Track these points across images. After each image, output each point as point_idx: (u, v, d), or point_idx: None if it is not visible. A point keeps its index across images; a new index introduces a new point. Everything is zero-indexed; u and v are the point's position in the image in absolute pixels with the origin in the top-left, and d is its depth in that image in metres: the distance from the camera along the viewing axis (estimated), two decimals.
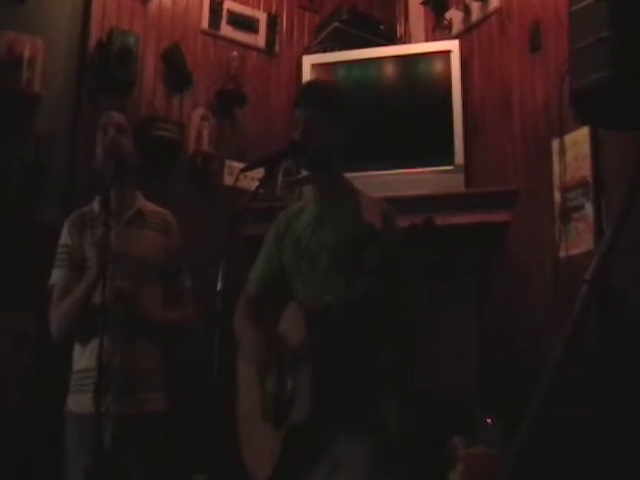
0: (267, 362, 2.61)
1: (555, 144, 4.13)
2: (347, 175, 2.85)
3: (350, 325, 2.49)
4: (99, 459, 2.75)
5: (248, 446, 2.71)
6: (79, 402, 2.98)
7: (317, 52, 5.37)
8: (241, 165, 3.04)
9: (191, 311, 3.27)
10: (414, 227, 2.39)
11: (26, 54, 4.24)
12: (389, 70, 5.16)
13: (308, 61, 5.24)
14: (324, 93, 2.84)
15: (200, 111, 5.00)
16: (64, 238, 3.18)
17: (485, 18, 4.96)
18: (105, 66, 4.61)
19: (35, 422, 3.83)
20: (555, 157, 4.15)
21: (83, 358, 3.04)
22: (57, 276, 3.14)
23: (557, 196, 4.14)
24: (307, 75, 5.17)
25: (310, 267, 2.70)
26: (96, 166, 3.20)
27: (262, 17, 5.43)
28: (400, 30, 5.63)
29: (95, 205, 3.24)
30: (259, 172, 2.68)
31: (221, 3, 5.21)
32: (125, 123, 3.26)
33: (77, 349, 3.10)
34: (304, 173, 2.79)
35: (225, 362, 2.47)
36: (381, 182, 4.65)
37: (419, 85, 5.06)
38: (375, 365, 2.61)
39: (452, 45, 4.99)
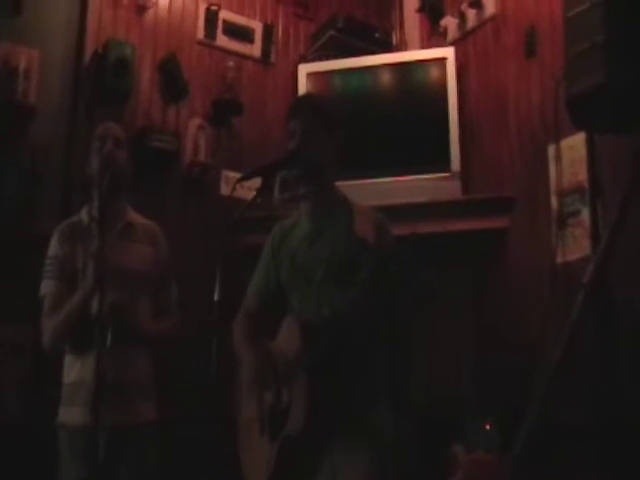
0: (265, 380, 2.62)
1: (551, 149, 4.13)
2: (344, 183, 2.86)
3: (342, 338, 2.51)
4: (95, 470, 2.75)
5: (246, 457, 2.73)
6: (70, 414, 2.99)
7: (313, 61, 5.38)
8: (238, 175, 3.05)
9: (178, 321, 3.28)
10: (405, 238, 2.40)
11: (22, 65, 4.26)
12: (385, 78, 5.16)
13: (304, 70, 5.25)
14: (319, 105, 2.87)
15: (196, 121, 5.00)
16: (54, 249, 3.16)
17: (480, 25, 4.96)
18: (101, 77, 4.60)
19: (32, 431, 3.82)
20: (551, 162, 4.14)
21: (74, 370, 3.04)
22: (48, 287, 3.12)
23: (554, 201, 4.13)
24: (303, 84, 5.18)
25: (306, 282, 2.71)
26: (89, 174, 3.19)
27: (258, 27, 5.43)
28: (396, 38, 5.64)
29: (84, 215, 3.23)
30: (256, 182, 2.69)
31: (216, 13, 5.21)
32: (123, 136, 3.26)
33: (68, 361, 3.09)
34: (300, 188, 2.79)
35: (223, 369, 2.48)
36: (378, 190, 4.66)
37: (415, 92, 5.07)
38: (370, 374, 2.62)
39: (447, 52, 5.00)
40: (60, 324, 3.02)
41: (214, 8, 5.20)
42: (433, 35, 5.36)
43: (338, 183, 2.85)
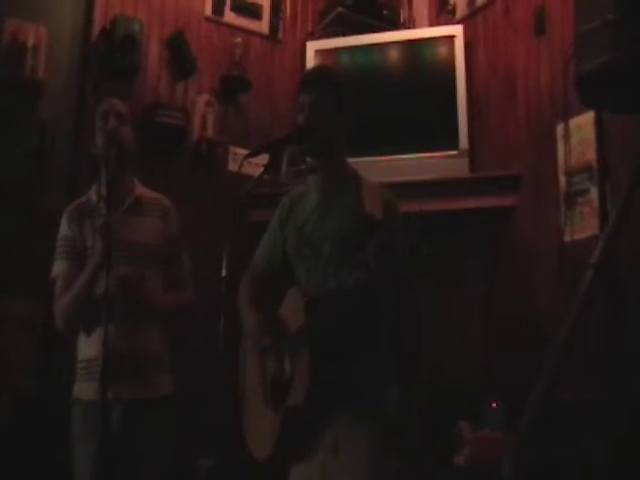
0: (266, 347, 2.64)
1: (560, 128, 4.11)
2: (352, 161, 2.86)
3: (346, 313, 2.51)
4: (107, 444, 2.77)
5: (249, 427, 2.75)
6: (88, 390, 2.99)
7: (321, 38, 5.36)
8: (245, 151, 3.04)
9: (190, 294, 3.29)
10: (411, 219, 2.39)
11: (30, 42, 4.25)
12: (393, 55, 5.15)
13: (312, 47, 5.23)
14: (329, 79, 2.85)
15: (204, 97, 5.00)
16: (64, 230, 3.18)
17: (490, 2, 4.92)
18: (109, 53, 4.61)
19: (43, 407, 3.85)
20: (560, 141, 4.13)
21: (90, 347, 3.04)
22: (59, 268, 3.13)
23: (562, 180, 4.12)
24: (311, 61, 5.16)
25: (313, 255, 2.71)
26: (95, 152, 3.20)
27: (266, 3, 5.41)
28: (404, 15, 5.60)
29: (92, 195, 3.23)
30: (263, 158, 2.69)
31: None
32: (126, 112, 3.25)
33: (82, 338, 3.11)
34: (309, 161, 2.79)
35: (230, 346, 2.49)
36: (386, 167, 4.66)
37: (423, 70, 5.05)
38: (376, 351, 2.63)
39: (456, 30, 4.98)
40: (71, 302, 3.04)
41: None
42: (442, 12, 5.33)
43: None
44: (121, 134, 3.15)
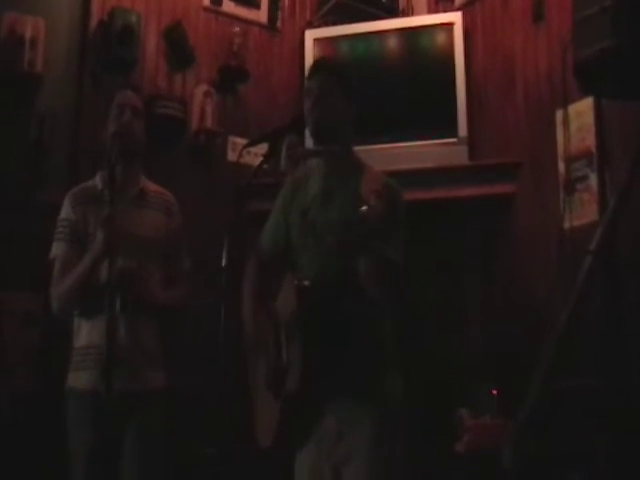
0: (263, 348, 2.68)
1: (559, 115, 4.10)
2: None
3: (335, 298, 2.54)
4: (103, 436, 2.79)
5: (256, 414, 2.77)
6: (79, 379, 3.01)
7: (319, 26, 5.35)
8: (244, 141, 3.04)
9: (187, 292, 3.28)
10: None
11: (28, 34, 4.24)
12: (392, 43, 5.14)
13: (311, 36, 5.22)
14: (337, 67, 2.91)
15: (203, 88, 4.98)
16: (66, 212, 3.16)
17: None
18: (107, 45, 4.59)
19: (43, 400, 3.85)
20: (559, 128, 4.12)
21: (83, 335, 3.05)
22: (58, 249, 3.12)
23: (561, 167, 4.12)
24: (310, 50, 5.15)
25: (316, 244, 2.71)
26: (104, 140, 3.18)
27: None
28: (402, 3, 5.58)
29: (98, 181, 3.23)
30: (262, 148, 2.69)
31: None
32: (141, 106, 3.28)
33: (77, 326, 3.11)
34: (309, 147, 2.79)
35: (231, 337, 2.50)
36: (385, 156, 4.64)
37: (422, 58, 5.04)
38: (377, 338, 2.64)
39: (455, 17, 4.97)
40: (69, 288, 3.03)
41: None
42: (440, 0, 5.32)
43: None
44: (134, 128, 3.17)
